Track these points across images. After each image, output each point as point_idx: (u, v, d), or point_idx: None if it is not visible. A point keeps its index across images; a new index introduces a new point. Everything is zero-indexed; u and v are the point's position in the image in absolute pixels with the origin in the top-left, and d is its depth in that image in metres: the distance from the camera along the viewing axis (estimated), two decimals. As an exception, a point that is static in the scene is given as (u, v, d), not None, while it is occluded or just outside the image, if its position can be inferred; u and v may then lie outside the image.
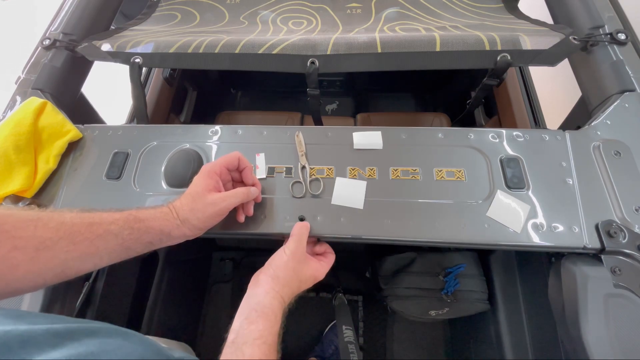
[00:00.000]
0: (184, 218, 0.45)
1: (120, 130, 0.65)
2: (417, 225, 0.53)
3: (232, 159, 0.51)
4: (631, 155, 0.54)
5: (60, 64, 0.72)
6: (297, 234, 0.50)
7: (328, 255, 0.55)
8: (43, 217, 0.38)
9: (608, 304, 0.46)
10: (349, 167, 0.58)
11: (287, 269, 0.47)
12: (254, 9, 0.95)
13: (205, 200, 0.46)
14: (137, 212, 0.44)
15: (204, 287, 1.30)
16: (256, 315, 0.41)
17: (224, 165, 0.50)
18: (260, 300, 0.43)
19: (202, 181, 0.47)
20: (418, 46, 0.67)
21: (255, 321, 0.41)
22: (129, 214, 0.43)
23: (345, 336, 0.81)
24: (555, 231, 0.50)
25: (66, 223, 0.39)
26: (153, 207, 0.46)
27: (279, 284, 0.45)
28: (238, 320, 0.42)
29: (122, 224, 0.42)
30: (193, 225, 0.46)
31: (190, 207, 0.46)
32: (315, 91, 0.73)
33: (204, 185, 0.47)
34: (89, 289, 0.70)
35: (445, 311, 0.90)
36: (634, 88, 0.60)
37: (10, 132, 0.57)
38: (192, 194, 0.47)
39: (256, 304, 0.43)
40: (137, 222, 0.43)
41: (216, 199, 0.47)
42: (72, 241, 0.38)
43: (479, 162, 0.56)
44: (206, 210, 0.46)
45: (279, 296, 0.44)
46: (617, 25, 0.67)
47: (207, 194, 0.47)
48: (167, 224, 0.45)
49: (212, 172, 0.48)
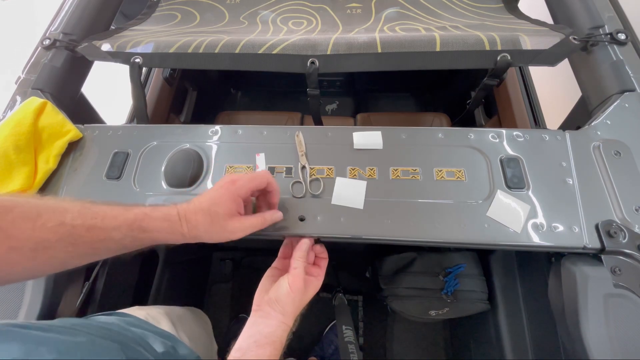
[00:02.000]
0: (195, 235, 0.44)
1: (120, 130, 0.65)
2: (417, 225, 0.52)
3: (261, 183, 0.48)
4: (631, 155, 0.54)
5: (60, 64, 0.72)
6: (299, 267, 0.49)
7: (322, 261, 0.55)
8: (43, 214, 0.37)
9: (608, 304, 0.46)
10: (349, 167, 0.58)
11: (294, 303, 0.48)
12: (254, 9, 0.95)
13: (225, 226, 0.45)
14: (142, 220, 0.41)
15: (204, 287, 1.30)
16: (265, 341, 0.44)
17: (252, 188, 0.48)
18: (272, 331, 0.45)
19: (225, 204, 0.45)
20: (418, 46, 0.67)
21: (264, 346, 0.43)
22: (133, 220, 0.41)
23: (345, 336, 0.81)
24: (555, 231, 0.50)
25: (66, 224, 0.37)
26: (161, 214, 0.43)
27: (288, 317, 0.47)
28: (246, 342, 0.44)
29: (125, 232, 0.40)
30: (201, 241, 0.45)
31: (205, 228, 0.44)
32: (315, 91, 0.73)
33: (226, 209, 0.45)
34: (89, 289, 0.70)
35: (445, 311, 0.90)
36: (634, 88, 0.60)
37: (10, 132, 0.57)
38: (211, 214, 0.44)
39: (268, 333, 0.45)
40: (141, 233, 0.41)
41: (236, 228, 0.45)
42: (71, 243, 0.37)
43: (479, 162, 0.56)
44: (222, 235, 0.45)
45: (287, 327, 0.47)
46: (617, 25, 0.67)
47: (227, 220, 0.45)
48: (172, 237, 0.43)
49: (237, 197, 0.46)
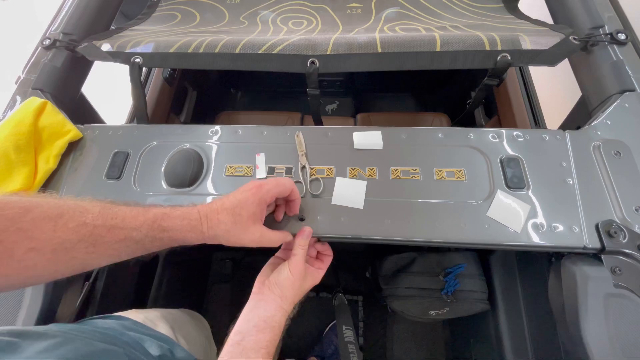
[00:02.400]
0: (214, 235, 0.44)
1: (120, 130, 0.65)
2: (417, 225, 0.53)
3: (286, 191, 0.49)
4: (631, 155, 0.54)
5: (61, 64, 0.72)
6: (299, 254, 0.49)
7: (325, 258, 0.55)
8: (65, 214, 0.36)
9: (608, 304, 0.46)
10: (349, 167, 0.58)
11: (294, 288, 0.48)
12: (254, 9, 0.95)
13: (247, 230, 0.45)
14: (162, 219, 0.42)
15: (204, 287, 1.30)
16: (264, 326, 0.44)
17: (277, 195, 0.48)
18: (271, 315, 0.45)
19: (250, 207, 0.45)
20: (418, 46, 0.67)
21: (264, 331, 0.44)
22: (153, 220, 0.41)
23: (345, 336, 0.81)
24: (555, 231, 0.50)
25: (87, 225, 0.37)
26: (180, 213, 0.43)
27: (287, 302, 0.47)
28: (246, 325, 0.44)
29: (145, 232, 0.40)
30: (219, 242, 0.45)
31: (227, 228, 0.44)
32: (315, 91, 0.73)
33: (251, 212, 0.45)
34: (89, 289, 0.70)
35: (445, 311, 0.90)
36: (634, 88, 0.60)
37: (10, 132, 0.57)
38: (234, 215, 0.44)
39: (267, 317, 0.45)
40: (161, 232, 0.41)
41: (257, 234, 0.46)
42: (92, 243, 0.37)
43: (479, 162, 0.56)
44: (241, 238, 0.45)
45: (285, 313, 0.47)
46: (617, 25, 0.67)
47: (250, 224, 0.45)
48: (191, 236, 0.43)
49: (262, 202, 0.46)
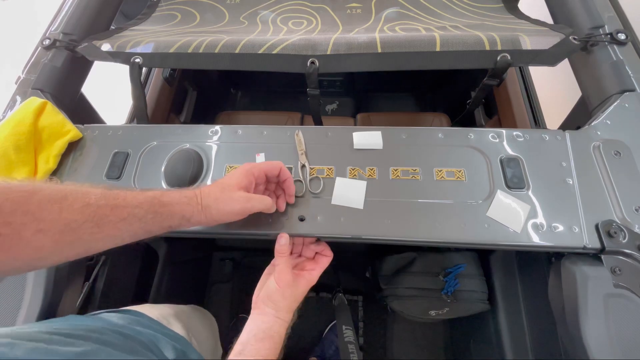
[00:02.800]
0: (206, 204, 0.46)
1: (120, 130, 0.65)
2: (417, 225, 0.53)
3: (274, 168, 0.51)
4: (631, 155, 0.54)
5: (61, 64, 0.72)
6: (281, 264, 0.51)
7: (322, 258, 0.55)
8: (69, 196, 0.37)
9: (608, 304, 0.46)
10: (349, 167, 0.58)
11: (285, 297, 0.49)
12: (254, 9, 0.95)
13: (233, 194, 0.47)
14: (162, 196, 0.44)
15: (204, 287, 1.30)
16: (263, 336, 0.46)
17: (264, 170, 0.50)
18: (269, 326, 0.47)
19: (237, 176, 0.48)
20: (418, 46, 0.67)
21: (263, 340, 0.45)
22: (153, 197, 0.43)
23: (345, 336, 0.81)
24: (555, 231, 0.50)
25: (91, 205, 0.38)
26: (178, 191, 0.46)
27: (282, 312, 0.49)
28: (246, 336, 0.46)
29: (147, 208, 0.42)
30: (211, 214, 0.46)
31: (216, 195, 0.46)
32: (315, 91, 0.73)
33: (237, 180, 0.48)
34: (89, 289, 0.70)
35: (445, 311, 0.90)
36: (634, 88, 0.60)
37: (10, 132, 0.57)
38: (222, 184, 0.47)
39: (266, 328, 0.47)
40: (161, 207, 0.43)
41: (243, 197, 0.47)
42: (96, 224, 0.38)
43: (479, 162, 0.56)
44: (229, 204, 0.47)
45: (284, 322, 0.49)
46: (617, 25, 0.67)
47: (236, 190, 0.47)
48: (189, 209, 0.45)
49: (249, 173, 0.49)
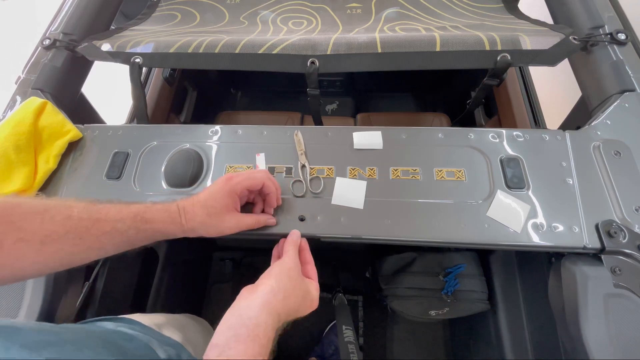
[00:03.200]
0: (192, 228, 0.45)
1: (120, 130, 0.65)
2: (417, 225, 0.53)
3: (257, 184, 0.50)
4: (631, 155, 0.54)
5: (61, 64, 0.72)
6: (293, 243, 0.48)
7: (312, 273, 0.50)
8: (50, 209, 0.38)
9: (608, 304, 0.46)
10: (349, 167, 0.58)
11: (291, 279, 0.42)
12: (254, 9, 0.95)
13: (222, 219, 0.47)
14: (145, 212, 0.44)
15: (204, 287, 1.30)
16: (246, 335, 0.35)
17: (247, 187, 0.49)
18: (253, 315, 0.37)
19: (222, 199, 0.47)
20: (418, 46, 0.67)
21: (244, 342, 0.34)
22: (136, 213, 0.43)
23: (345, 336, 0.81)
24: (555, 231, 0.50)
25: (73, 217, 0.38)
26: (161, 206, 0.45)
27: (279, 294, 0.40)
28: (223, 335, 0.36)
29: (129, 224, 0.42)
30: (199, 234, 0.46)
31: (202, 220, 0.46)
32: (315, 91, 0.73)
33: (223, 204, 0.47)
34: (89, 289, 0.70)
35: (445, 311, 0.90)
36: (634, 88, 0.60)
37: (10, 132, 0.57)
38: (208, 209, 0.46)
39: (248, 318, 0.37)
40: (144, 224, 0.43)
41: (232, 222, 0.47)
42: (78, 236, 0.38)
43: (479, 162, 0.56)
44: (219, 227, 0.47)
45: (274, 312, 0.39)
46: (617, 25, 0.67)
47: (224, 214, 0.47)
48: (172, 228, 0.45)
49: (233, 193, 0.48)
